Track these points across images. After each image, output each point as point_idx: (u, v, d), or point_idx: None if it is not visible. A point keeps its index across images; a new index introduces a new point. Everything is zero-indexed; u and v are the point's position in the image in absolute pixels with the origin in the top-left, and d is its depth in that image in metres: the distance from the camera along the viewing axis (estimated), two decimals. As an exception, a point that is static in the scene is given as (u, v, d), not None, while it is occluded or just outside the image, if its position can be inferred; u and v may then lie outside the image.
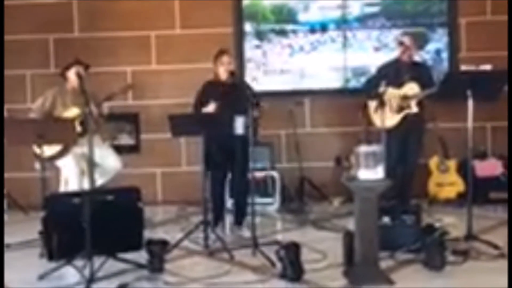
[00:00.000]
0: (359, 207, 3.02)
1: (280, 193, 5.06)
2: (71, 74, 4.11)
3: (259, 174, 4.90)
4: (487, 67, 3.74)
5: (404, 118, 4.37)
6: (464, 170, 4.58)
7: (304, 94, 5.42)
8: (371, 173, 2.98)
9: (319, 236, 4.02)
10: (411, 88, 4.34)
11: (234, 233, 4.20)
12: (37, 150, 3.78)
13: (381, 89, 4.14)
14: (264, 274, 3.18)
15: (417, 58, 4.70)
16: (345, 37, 5.40)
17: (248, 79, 5.20)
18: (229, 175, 4.34)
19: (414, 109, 4.34)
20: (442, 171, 4.94)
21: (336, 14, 5.40)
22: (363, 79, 5.12)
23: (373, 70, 4.84)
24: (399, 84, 4.37)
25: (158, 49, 5.49)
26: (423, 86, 4.30)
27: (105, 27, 5.42)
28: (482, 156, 5.01)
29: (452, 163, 4.93)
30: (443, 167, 4.93)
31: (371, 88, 4.42)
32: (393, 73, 4.41)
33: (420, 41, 5.06)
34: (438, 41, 5.36)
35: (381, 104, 4.06)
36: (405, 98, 4.34)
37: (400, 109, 4.36)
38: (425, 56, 5.32)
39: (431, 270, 3.13)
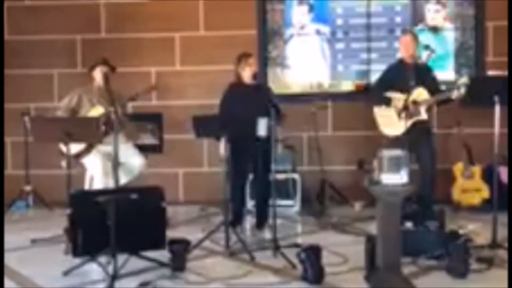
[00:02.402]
0: (382, 211, 2.99)
1: (301, 196, 5.05)
2: (97, 74, 4.18)
3: (280, 176, 4.90)
4: (515, 72, 3.68)
5: (412, 125, 4.23)
6: (489, 176, 4.51)
7: (327, 97, 5.41)
8: (395, 177, 2.95)
9: (340, 240, 4.00)
10: (420, 94, 4.20)
11: (255, 234, 4.20)
12: (62, 147, 3.85)
13: (388, 94, 4.06)
14: (284, 276, 3.18)
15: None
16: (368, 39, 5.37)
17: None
18: (251, 177, 4.35)
19: (424, 115, 4.19)
20: (467, 177, 4.87)
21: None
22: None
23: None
24: (406, 89, 4.21)
25: (182, 51, 5.54)
26: (428, 90, 4.19)
27: (130, 29, 5.50)
28: (508, 162, 4.91)
29: (476, 169, 4.86)
30: (468, 173, 4.86)
31: (377, 93, 4.35)
32: (398, 76, 4.29)
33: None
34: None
35: (405, 108, 4.00)
36: (414, 103, 4.19)
37: (409, 116, 4.20)
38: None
39: (454, 277, 3.09)
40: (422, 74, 4.30)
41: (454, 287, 3.01)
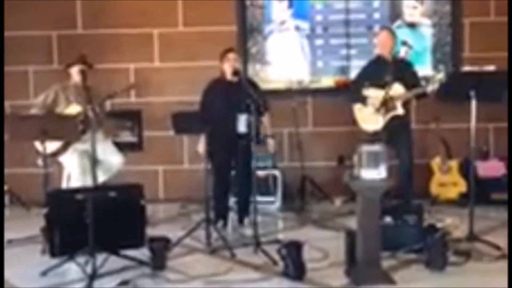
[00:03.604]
0: (362, 206, 3.02)
1: (281, 192, 5.06)
2: (74, 71, 4.11)
3: (261, 173, 4.90)
4: (491, 67, 3.73)
5: (390, 120, 4.30)
6: (466, 170, 4.58)
7: (307, 93, 5.42)
8: (374, 172, 2.98)
9: (320, 235, 4.02)
10: (396, 89, 4.26)
11: (236, 231, 4.20)
12: (38, 146, 3.78)
13: (365, 91, 4.09)
14: (265, 273, 3.19)
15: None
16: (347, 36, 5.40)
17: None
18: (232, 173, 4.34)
19: (400, 110, 4.26)
20: (444, 172, 4.94)
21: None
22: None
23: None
24: (382, 85, 4.27)
25: (161, 47, 5.49)
26: (407, 85, 4.24)
27: (108, 24, 5.42)
28: (484, 156, 5.01)
29: (454, 164, 4.93)
30: (445, 167, 4.93)
31: (356, 91, 4.39)
32: (376, 73, 4.33)
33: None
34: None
35: (383, 103, 4.04)
36: (390, 99, 4.25)
37: (385, 111, 4.28)
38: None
39: (432, 270, 3.13)
40: (401, 70, 4.34)
41: (432, 280, 3.05)
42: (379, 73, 4.31)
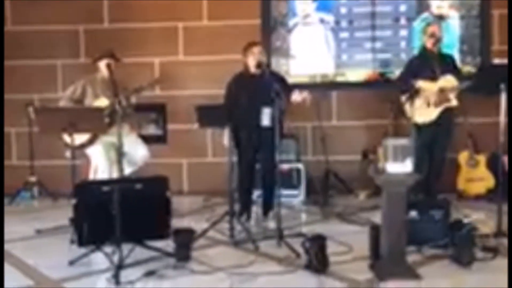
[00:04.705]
0: (387, 200, 2.99)
1: (305, 186, 5.05)
2: (102, 65, 4.17)
3: (284, 166, 4.90)
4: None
5: (442, 113, 4.29)
6: (493, 165, 4.49)
7: (332, 87, 5.38)
8: (400, 166, 2.94)
9: (344, 229, 4.00)
10: (449, 81, 4.26)
11: (259, 224, 4.21)
12: (66, 138, 3.85)
13: (415, 83, 4.06)
14: (289, 266, 3.19)
15: (429, 45, 4.46)
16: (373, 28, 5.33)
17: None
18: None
19: (454, 102, 4.26)
20: (471, 166, 4.86)
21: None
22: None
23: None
24: (433, 78, 4.30)
25: (185, 40, 5.52)
26: (458, 77, 4.25)
27: (133, 19, 5.47)
28: (508, 153, 4.89)
29: (481, 158, 4.84)
30: (472, 161, 4.85)
31: (404, 82, 4.35)
32: (425, 65, 4.33)
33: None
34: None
35: (411, 98, 4.00)
36: (443, 91, 4.25)
37: (439, 103, 4.27)
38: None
39: (459, 266, 3.08)
40: (447, 63, 4.37)
41: (458, 276, 3.01)
42: (428, 66, 4.30)
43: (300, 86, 5.24)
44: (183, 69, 5.50)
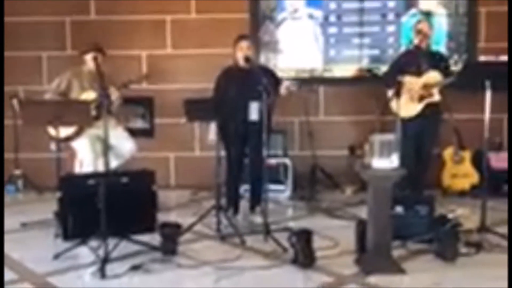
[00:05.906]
0: (373, 195, 3.01)
1: (292, 181, 5.07)
2: (89, 58, 4.13)
3: (271, 161, 4.90)
4: (506, 57, 3.68)
5: (425, 107, 4.33)
6: (478, 161, 4.54)
7: (319, 82, 5.39)
8: (386, 162, 2.97)
9: (330, 224, 4.02)
10: (433, 77, 4.30)
11: (246, 219, 4.22)
12: (51, 131, 3.81)
13: (400, 78, 4.09)
14: (275, 260, 3.20)
15: (416, 42, 4.49)
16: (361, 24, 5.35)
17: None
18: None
19: (436, 97, 4.30)
20: (456, 162, 4.91)
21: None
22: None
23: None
24: (418, 73, 4.34)
25: (173, 34, 5.48)
26: (443, 74, 4.27)
27: (121, 11, 5.42)
28: (498, 148, 4.96)
29: (466, 154, 4.90)
30: (457, 157, 4.90)
31: (390, 77, 4.38)
32: (412, 61, 4.36)
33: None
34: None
35: (397, 94, 4.02)
36: (426, 86, 4.29)
37: (421, 98, 4.32)
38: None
39: (443, 260, 3.12)
40: (436, 60, 4.39)
41: (442, 270, 3.05)
42: (415, 62, 4.33)
43: (288, 81, 5.27)
44: (171, 63, 5.46)
